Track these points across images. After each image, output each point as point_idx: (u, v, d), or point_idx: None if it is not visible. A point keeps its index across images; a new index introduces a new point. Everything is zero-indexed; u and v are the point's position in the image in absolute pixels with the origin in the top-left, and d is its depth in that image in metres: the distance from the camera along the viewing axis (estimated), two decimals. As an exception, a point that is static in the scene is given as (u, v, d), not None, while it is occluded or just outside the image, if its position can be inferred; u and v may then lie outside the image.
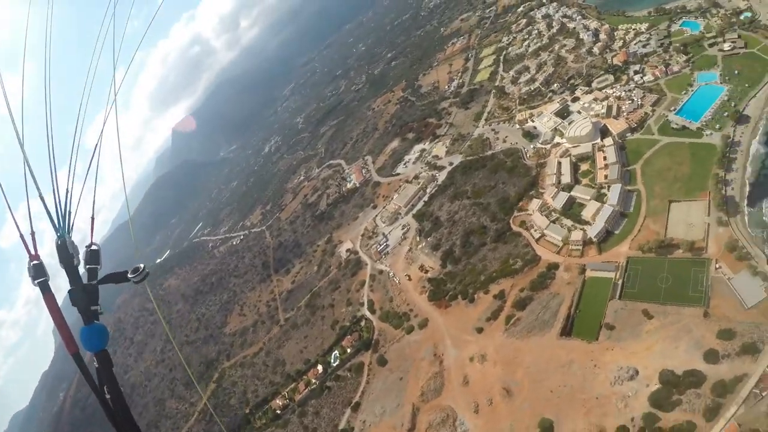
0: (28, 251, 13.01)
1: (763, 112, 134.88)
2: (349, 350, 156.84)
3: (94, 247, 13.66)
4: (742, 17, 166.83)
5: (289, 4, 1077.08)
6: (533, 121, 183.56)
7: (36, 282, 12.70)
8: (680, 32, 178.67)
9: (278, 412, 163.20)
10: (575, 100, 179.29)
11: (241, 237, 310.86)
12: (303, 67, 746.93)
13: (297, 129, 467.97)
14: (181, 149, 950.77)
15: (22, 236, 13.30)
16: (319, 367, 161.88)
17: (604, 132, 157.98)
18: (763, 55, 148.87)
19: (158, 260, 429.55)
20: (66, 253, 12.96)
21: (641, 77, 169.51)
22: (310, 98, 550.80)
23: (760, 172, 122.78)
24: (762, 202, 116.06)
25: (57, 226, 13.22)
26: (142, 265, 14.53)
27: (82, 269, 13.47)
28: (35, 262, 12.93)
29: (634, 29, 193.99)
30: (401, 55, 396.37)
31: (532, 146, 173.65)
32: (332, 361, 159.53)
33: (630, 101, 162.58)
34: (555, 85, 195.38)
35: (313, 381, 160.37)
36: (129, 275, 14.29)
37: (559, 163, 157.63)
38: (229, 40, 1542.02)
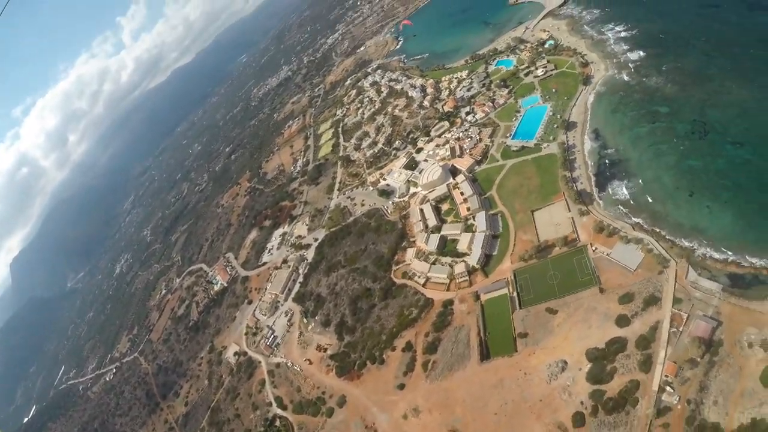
0: None
1: (585, 115, 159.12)
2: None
3: None
4: (546, 45, 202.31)
5: (116, 114, 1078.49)
6: (385, 180, 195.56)
7: None
8: (497, 71, 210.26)
9: None
10: (419, 150, 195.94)
11: (114, 371, 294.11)
12: (140, 177, 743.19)
13: (146, 242, 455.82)
14: (23, 287, 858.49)
15: None
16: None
17: (454, 171, 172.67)
18: (572, 71, 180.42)
19: (26, 419, 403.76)
20: None
21: (473, 116, 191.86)
22: (153, 207, 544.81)
23: (599, 163, 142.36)
24: (608, 186, 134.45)
25: None
26: None
27: None
28: None
29: (456, 78, 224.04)
30: (239, 147, 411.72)
31: (390, 202, 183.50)
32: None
33: (469, 139, 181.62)
34: (397, 142, 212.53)
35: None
36: None
37: (421, 210, 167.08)
38: (59, 158, 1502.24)
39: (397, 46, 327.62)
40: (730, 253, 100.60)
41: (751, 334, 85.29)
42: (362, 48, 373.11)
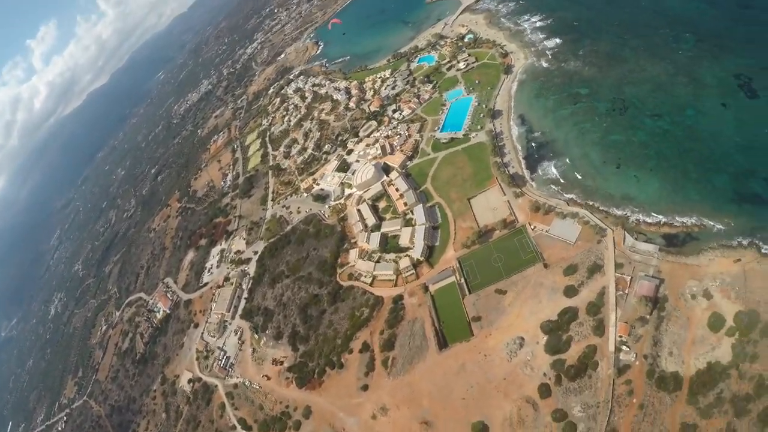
0: None
1: (509, 103, 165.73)
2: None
3: None
4: (466, 39, 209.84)
5: (31, 144, 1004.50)
6: (319, 185, 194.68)
7: None
8: (420, 68, 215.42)
9: None
10: (350, 152, 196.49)
11: (65, 419, 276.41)
12: (64, 210, 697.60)
13: (79, 277, 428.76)
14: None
15: None
16: None
17: (387, 169, 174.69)
18: (492, 62, 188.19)
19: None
20: None
21: (400, 113, 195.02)
22: (82, 240, 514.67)
23: (527, 146, 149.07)
24: (538, 167, 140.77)
25: None
26: None
27: None
28: None
29: (380, 77, 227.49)
30: (165, 167, 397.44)
31: (326, 206, 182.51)
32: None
33: (398, 136, 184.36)
34: (326, 146, 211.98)
35: None
36: None
37: (359, 211, 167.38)
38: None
39: (318, 51, 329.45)
40: (661, 216, 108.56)
41: (692, 286, 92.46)
42: (283, 55, 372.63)
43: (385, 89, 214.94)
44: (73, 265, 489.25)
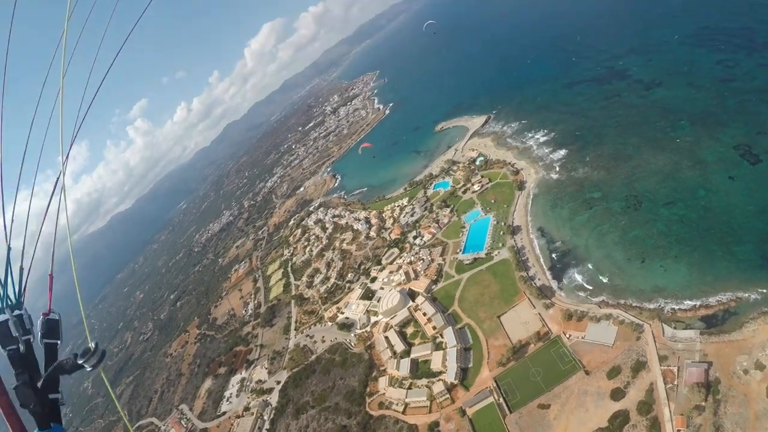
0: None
1: (527, 217, 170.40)
2: None
3: (53, 316, 11.27)
4: (477, 162, 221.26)
5: (54, 257, 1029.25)
6: (343, 313, 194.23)
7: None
8: (436, 193, 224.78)
9: None
10: (373, 280, 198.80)
11: None
12: (79, 326, 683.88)
13: (87, 396, 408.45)
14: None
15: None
16: None
17: (413, 294, 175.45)
18: (505, 180, 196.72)
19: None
20: (11, 333, 10.27)
21: (421, 239, 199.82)
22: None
23: (550, 257, 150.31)
24: (564, 276, 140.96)
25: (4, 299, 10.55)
26: (93, 344, 11.65)
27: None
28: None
29: (398, 206, 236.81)
30: (185, 294, 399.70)
31: (352, 335, 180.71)
32: None
33: (421, 261, 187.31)
34: (349, 275, 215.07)
35: None
36: (80, 361, 11.29)
37: (386, 338, 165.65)
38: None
39: (336, 184, 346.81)
40: (695, 300, 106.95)
41: (742, 361, 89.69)
42: (302, 188, 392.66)
43: (404, 216, 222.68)
44: (82, 382, 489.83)
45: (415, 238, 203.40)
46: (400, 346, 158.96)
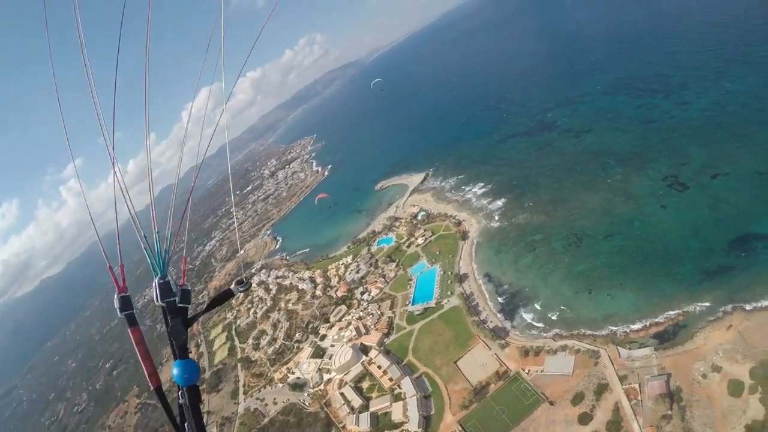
0: (117, 284, 13.84)
1: (472, 265, 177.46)
2: None
3: (186, 287, 14.55)
4: (419, 217, 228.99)
5: None
6: (294, 373, 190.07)
7: (123, 314, 13.73)
8: (380, 249, 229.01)
9: None
10: (323, 338, 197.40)
11: None
12: (5, 398, 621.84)
13: None
14: None
15: (111, 269, 14.17)
16: None
17: (365, 349, 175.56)
18: (448, 232, 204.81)
19: None
20: (169, 291, 14.03)
21: (369, 295, 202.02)
22: None
23: (499, 300, 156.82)
24: (515, 316, 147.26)
25: (158, 267, 14.25)
26: (244, 276, 15.99)
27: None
28: (123, 294, 13.83)
29: (342, 264, 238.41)
30: (121, 362, 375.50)
31: (305, 394, 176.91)
32: None
33: (371, 315, 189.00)
34: (297, 335, 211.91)
35: None
36: (233, 287, 15.48)
37: (342, 394, 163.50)
38: None
39: (277, 246, 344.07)
40: (644, 320, 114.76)
41: (699, 367, 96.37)
42: (242, 251, 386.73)
43: (350, 274, 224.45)
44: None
45: (362, 294, 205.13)
46: (357, 401, 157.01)
